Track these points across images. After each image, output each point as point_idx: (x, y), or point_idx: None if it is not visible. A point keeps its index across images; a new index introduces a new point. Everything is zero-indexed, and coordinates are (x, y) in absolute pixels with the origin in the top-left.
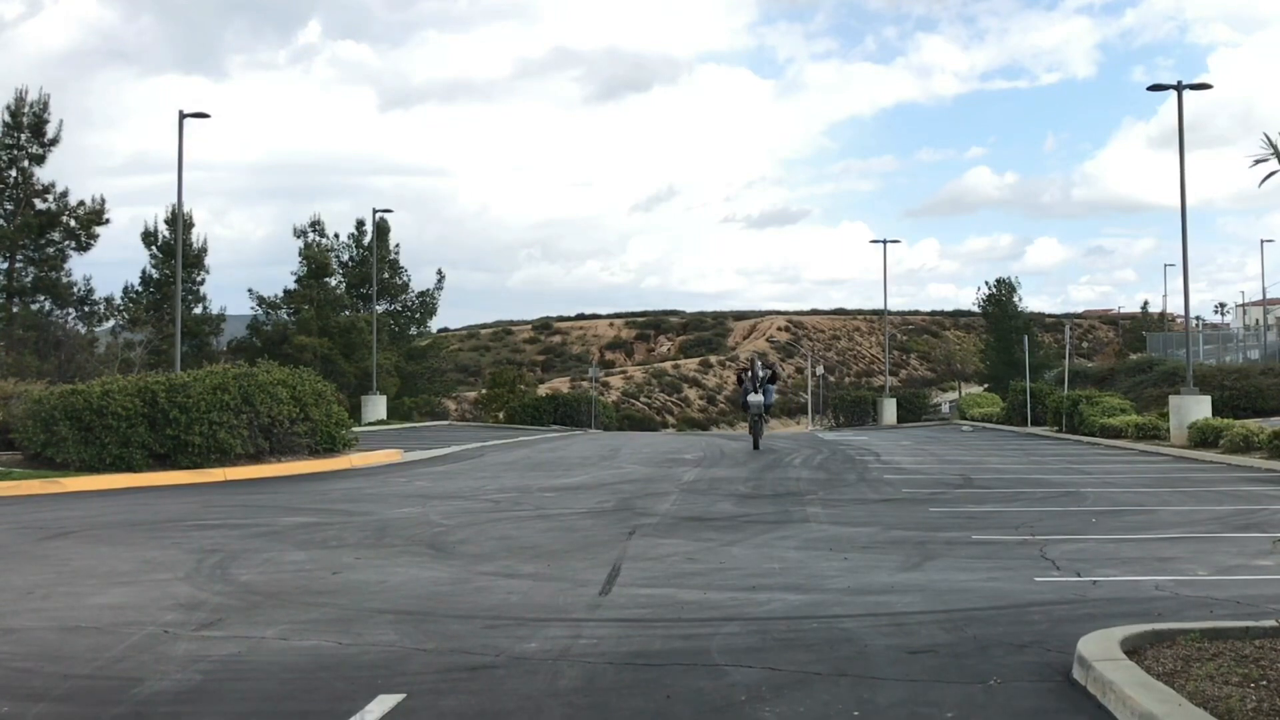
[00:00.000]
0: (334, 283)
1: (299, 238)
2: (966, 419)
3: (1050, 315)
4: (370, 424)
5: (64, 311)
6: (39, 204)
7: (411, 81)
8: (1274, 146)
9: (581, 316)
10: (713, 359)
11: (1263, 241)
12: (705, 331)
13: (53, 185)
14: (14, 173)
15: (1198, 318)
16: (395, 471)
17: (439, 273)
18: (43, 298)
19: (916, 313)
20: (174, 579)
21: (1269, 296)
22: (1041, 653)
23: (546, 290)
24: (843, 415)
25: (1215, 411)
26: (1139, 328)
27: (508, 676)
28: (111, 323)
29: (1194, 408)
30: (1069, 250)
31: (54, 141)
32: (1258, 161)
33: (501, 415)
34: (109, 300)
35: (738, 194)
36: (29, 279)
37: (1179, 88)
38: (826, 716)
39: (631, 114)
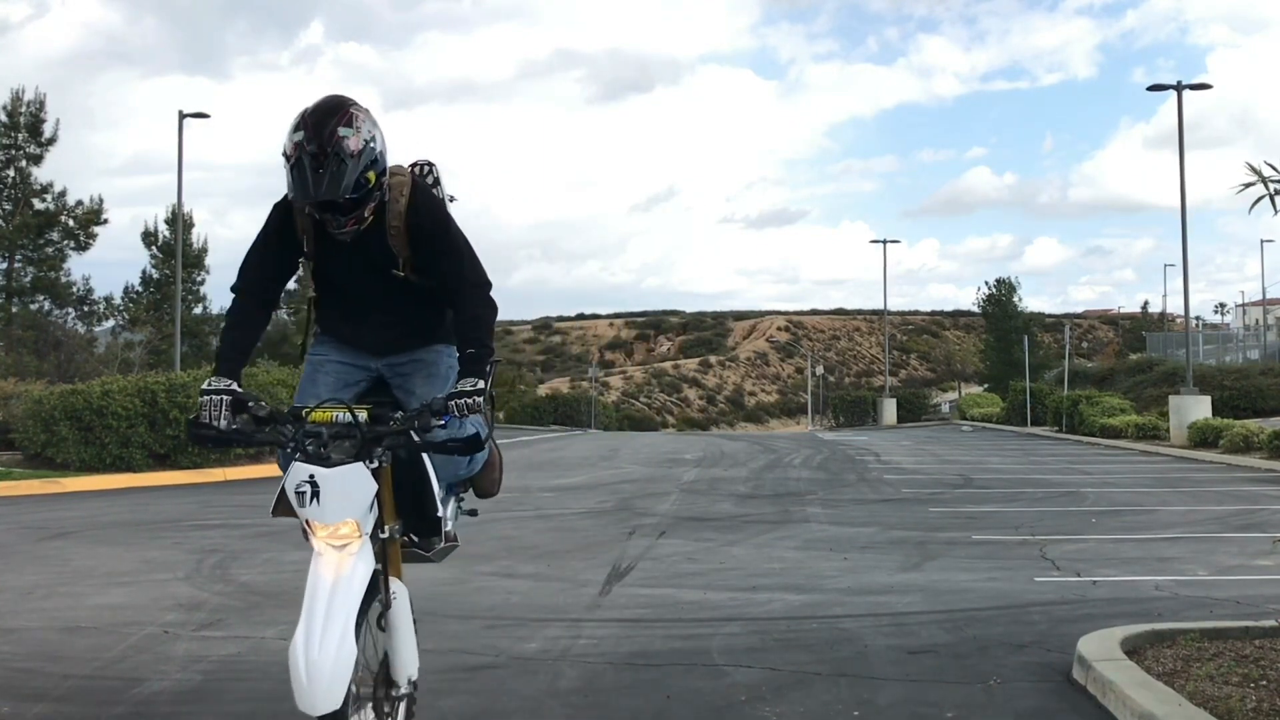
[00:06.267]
0: None
1: None
2: (966, 419)
3: (1050, 315)
4: None
5: (63, 311)
6: (37, 204)
7: (414, 83)
8: (1257, 172)
9: (581, 316)
10: (713, 359)
11: (1263, 241)
12: (705, 331)
13: (51, 185)
14: (11, 172)
15: (1198, 318)
16: None
17: None
18: (42, 298)
19: (916, 313)
20: (174, 579)
21: (1269, 296)
22: (1041, 653)
23: (546, 290)
24: (843, 415)
25: (1215, 412)
26: (1139, 328)
27: (508, 676)
28: (111, 323)
29: (1194, 408)
30: (1068, 250)
31: (51, 141)
32: (1245, 186)
33: (501, 415)
34: (109, 300)
35: (738, 194)
36: (28, 279)
37: (1179, 88)
38: (827, 716)
39: (633, 115)
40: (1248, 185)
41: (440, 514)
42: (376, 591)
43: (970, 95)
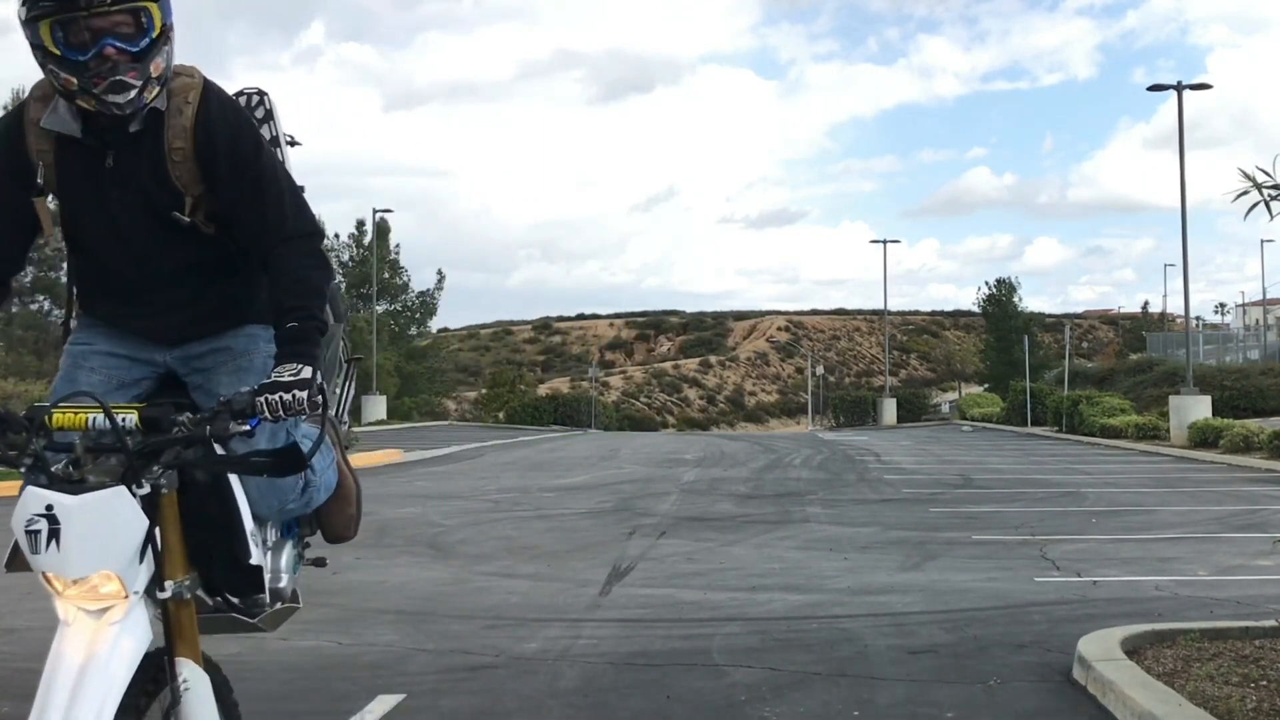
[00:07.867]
0: (334, 283)
1: None
2: (966, 419)
3: (1050, 315)
4: (370, 424)
5: (63, 311)
6: None
7: (414, 83)
8: (1250, 179)
9: (581, 316)
10: (713, 359)
11: (1263, 241)
12: (705, 331)
13: None
14: None
15: (1198, 318)
16: (395, 471)
17: (439, 273)
18: (41, 297)
19: (916, 313)
20: None
21: (1269, 296)
22: (1041, 653)
23: (546, 290)
24: (843, 415)
25: (1215, 412)
26: (1139, 328)
27: (508, 676)
28: None
29: (1194, 408)
30: (1068, 250)
31: None
32: (1240, 194)
33: (501, 415)
34: None
35: (738, 194)
36: (27, 279)
37: (1179, 88)
38: (827, 716)
39: (633, 115)
40: (1242, 194)
41: (255, 561)
42: (159, 681)
43: (970, 95)
